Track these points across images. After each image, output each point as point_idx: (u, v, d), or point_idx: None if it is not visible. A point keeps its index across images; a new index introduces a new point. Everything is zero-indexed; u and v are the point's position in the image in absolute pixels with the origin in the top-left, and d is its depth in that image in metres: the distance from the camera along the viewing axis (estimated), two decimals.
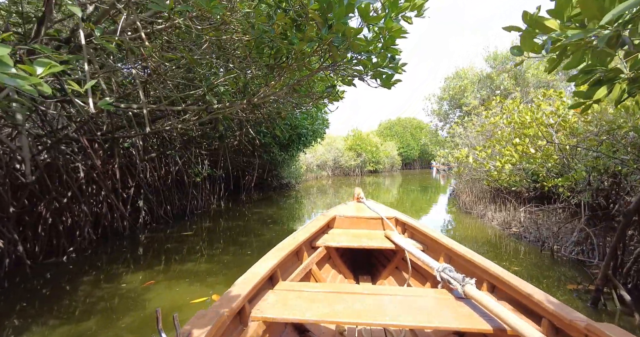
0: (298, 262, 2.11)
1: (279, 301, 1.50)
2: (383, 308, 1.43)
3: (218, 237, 4.97)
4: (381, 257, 2.76)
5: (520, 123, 5.86)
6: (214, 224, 5.88)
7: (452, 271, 1.58)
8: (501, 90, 8.97)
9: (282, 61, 2.90)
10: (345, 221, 2.72)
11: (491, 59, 10.17)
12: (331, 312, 1.39)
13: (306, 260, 2.15)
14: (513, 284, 1.42)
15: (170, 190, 6.66)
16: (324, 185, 16.59)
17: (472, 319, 1.35)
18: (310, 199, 10.01)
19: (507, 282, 1.45)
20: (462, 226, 5.87)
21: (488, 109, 7.39)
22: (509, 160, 5.47)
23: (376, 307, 1.43)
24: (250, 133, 6.36)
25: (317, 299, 1.51)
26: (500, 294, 1.57)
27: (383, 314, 1.37)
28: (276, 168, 11.21)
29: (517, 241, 4.59)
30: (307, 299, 1.51)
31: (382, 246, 2.31)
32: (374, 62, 2.72)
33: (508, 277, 1.49)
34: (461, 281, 1.48)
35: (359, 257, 2.85)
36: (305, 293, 1.58)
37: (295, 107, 5.28)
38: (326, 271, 2.42)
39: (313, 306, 1.45)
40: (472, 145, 7.28)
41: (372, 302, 1.49)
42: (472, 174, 7.37)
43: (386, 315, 1.36)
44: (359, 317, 1.36)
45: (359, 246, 2.32)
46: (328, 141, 24.01)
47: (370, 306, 1.45)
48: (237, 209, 7.77)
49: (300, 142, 8.86)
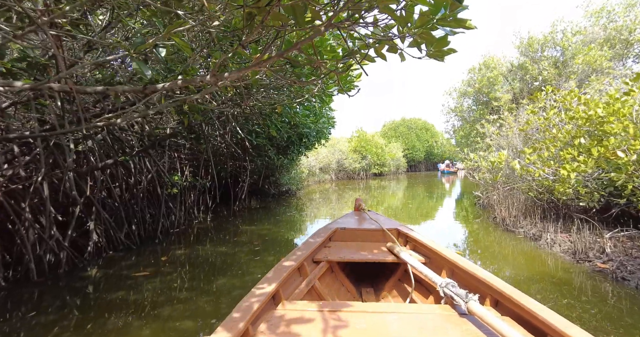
0: (300, 278, 2.09)
1: (282, 322, 1.46)
2: (386, 327, 1.41)
3: (186, 276, 3.63)
4: (384, 270, 2.69)
5: (586, 119, 4.49)
6: (188, 252, 4.54)
7: (455, 286, 1.57)
8: (540, 81, 7.62)
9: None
10: (347, 234, 2.72)
11: (524, 45, 8.75)
12: (335, 333, 1.36)
13: (309, 276, 2.12)
14: (517, 300, 1.43)
15: (139, 205, 5.34)
16: (328, 190, 15.23)
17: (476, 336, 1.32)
18: (313, 209, 8.67)
19: (511, 297, 1.46)
20: (508, 252, 4.50)
21: (531, 102, 6.04)
22: (578, 167, 4.09)
23: (380, 326, 1.41)
24: (239, 133, 5.03)
25: (321, 319, 1.48)
26: (504, 309, 1.55)
27: (387, 334, 1.35)
28: (274, 174, 9.87)
29: (610, 284, 3.22)
30: (311, 320, 1.48)
31: (384, 259, 2.27)
32: (425, 11, 1.41)
33: (512, 292, 1.49)
34: (464, 297, 1.46)
35: (362, 271, 2.75)
36: (308, 313, 1.56)
37: (294, 99, 3.95)
38: (329, 286, 2.37)
39: (317, 326, 1.41)
40: (512, 148, 5.91)
41: (376, 320, 1.46)
42: (513, 183, 6.00)
43: (390, 334, 1.35)
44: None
45: (360, 259, 2.29)
46: (331, 143, 22.69)
47: (375, 325, 1.42)
48: (225, 226, 6.43)
49: (302, 144, 7.51)
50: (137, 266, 3.91)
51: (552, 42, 7.83)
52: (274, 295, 1.67)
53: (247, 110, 4.02)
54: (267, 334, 1.37)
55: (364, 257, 2.30)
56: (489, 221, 6.62)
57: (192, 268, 3.83)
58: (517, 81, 8.41)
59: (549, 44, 8.01)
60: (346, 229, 2.75)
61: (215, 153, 7.08)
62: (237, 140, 5.84)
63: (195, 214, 7.01)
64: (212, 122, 4.25)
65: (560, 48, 7.70)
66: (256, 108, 4.21)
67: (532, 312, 1.33)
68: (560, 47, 7.73)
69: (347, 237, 2.73)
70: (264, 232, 5.70)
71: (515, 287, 1.57)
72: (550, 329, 1.24)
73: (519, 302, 1.41)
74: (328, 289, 2.33)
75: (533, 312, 1.32)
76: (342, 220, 3.00)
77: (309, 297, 2.07)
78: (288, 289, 1.90)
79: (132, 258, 4.21)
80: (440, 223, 6.74)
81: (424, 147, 44.29)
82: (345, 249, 2.49)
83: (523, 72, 8.48)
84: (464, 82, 10.14)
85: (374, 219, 2.89)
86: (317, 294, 2.17)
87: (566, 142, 4.83)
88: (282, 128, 5.73)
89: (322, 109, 7.05)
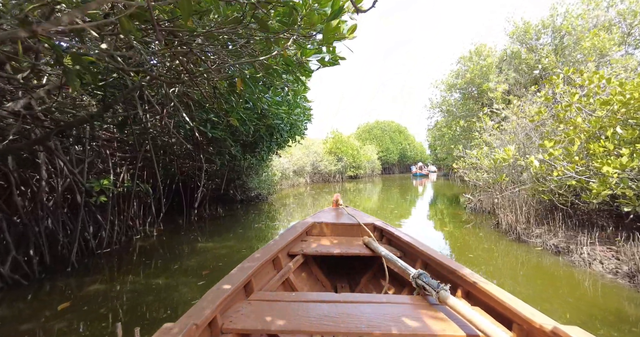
0: (274, 271, 2.04)
1: (253, 311, 1.43)
2: (359, 316, 1.40)
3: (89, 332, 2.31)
4: (360, 265, 2.63)
5: (623, 103, 3.67)
6: (107, 288, 3.18)
7: (427, 277, 1.58)
8: (540, 70, 6.93)
9: None
10: (323, 228, 2.72)
11: (520, 31, 8.03)
12: (307, 322, 1.34)
13: (283, 269, 2.08)
14: (487, 290, 1.44)
15: (53, 219, 3.89)
16: (303, 194, 14.04)
17: (447, 325, 1.33)
18: (287, 217, 7.45)
19: (481, 288, 1.47)
20: (530, 270, 3.57)
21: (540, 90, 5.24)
22: (629, 162, 3.23)
23: (352, 316, 1.41)
24: (187, 122, 3.75)
25: (294, 309, 1.45)
26: (475, 300, 1.56)
27: (359, 323, 1.35)
28: (240, 177, 8.54)
29: None
30: (283, 309, 1.45)
31: (360, 253, 2.26)
32: None
33: (482, 283, 1.49)
34: (436, 287, 1.47)
35: (338, 265, 2.70)
36: (281, 303, 1.52)
37: (260, 71, 2.76)
38: (303, 280, 2.33)
39: (289, 316, 1.39)
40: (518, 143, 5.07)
41: (349, 310, 1.46)
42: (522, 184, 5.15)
43: (362, 323, 1.34)
44: (335, 327, 1.32)
45: (336, 253, 2.27)
46: (306, 144, 21.55)
47: (347, 315, 1.41)
48: (174, 242, 5.06)
49: (273, 140, 6.28)
50: (10, 322, 2.52)
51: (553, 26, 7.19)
52: (246, 285, 1.62)
53: (187, 80, 2.78)
54: (236, 323, 1.31)
55: (340, 251, 2.29)
56: (490, 228, 5.75)
57: (99, 322, 2.51)
58: (511, 71, 7.72)
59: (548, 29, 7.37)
60: (323, 223, 2.73)
61: (164, 150, 5.70)
62: (186, 133, 4.53)
63: (137, 228, 5.58)
64: (135, 101, 2.94)
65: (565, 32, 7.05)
66: (205, 81, 2.98)
67: (501, 301, 1.34)
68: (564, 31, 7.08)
69: (324, 231, 2.72)
70: (222, 252, 4.41)
71: (475, 272, 1.61)
72: (517, 317, 1.25)
73: (489, 292, 1.41)
74: (303, 283, 2.29)
75: (502, 301, 1.33)
76: (319, 214, 2.98)
77: (282, 289, 2.02)
78: (261, 281, 1.83)
79: (11, 304, 2.80)
80: (434, 231, 5.78)
81: (397, 149, 44.24)
82: (322, 243, 2.47)
83: (517, 61, 7.80)
84: (451, 74, 9.32)
85: (351, 214, 2.90)
86: (291, 287, 2.12)
87: (592, 133, 4.00)
88: (246, 118, 4.50)
89: (295, 98, 5.89)
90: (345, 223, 2.72)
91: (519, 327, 1.25)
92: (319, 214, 3.03)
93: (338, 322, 1.34)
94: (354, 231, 2.70)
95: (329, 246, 2.38)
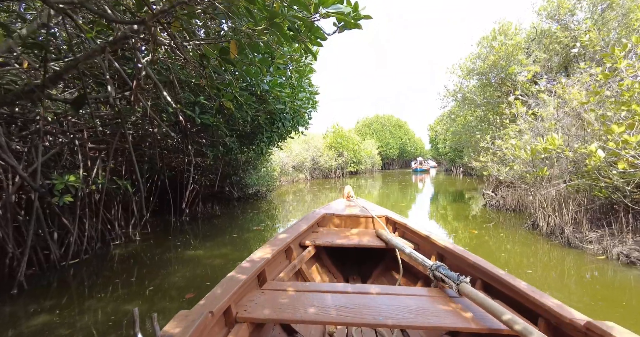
0: (286, 261, 2.00)
1: (267, 301, 1.38)
2: (374, 308, 1.34)
3: None
4: (371, 257, 2.61)
5: None
6: (54, 322, 2.39)
7: (445, 268, 1.50)
8: (578, 48, 6.13)
9: None
10: (335, 220, 2.69)
11: (553, 7, 7.16)
12: (320, 313, 1.29)
13: (295, 259, 2.01)
14: (508, 282, 1.35)
15: (9, 225, 3.09)
16: (303, 191, 13.27)
17: (467, 318, 1.27)
18: (287, 215, 6.67)
19: (502, 280, 1.39)
20: (606, 291, 2.83)
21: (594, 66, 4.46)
22: None
23: (366, 307, 1.34)
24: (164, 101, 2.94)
25: (307, 299, 1.40)
26: (495, 293, 1.47)
27: (374, 314, 1.28)
28: (237, 172, 7.73)
29: None
30: (296, 299, 1.40)
31: (373, 245, 2.20)
32: None
33: (502, 275, 1.42)
34: (456, 279, 1.39)
35: (349, 257, 2.64)
36: (294, 293, 1.47)
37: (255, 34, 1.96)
38: (315, 271, 2.27)
39: (302, 306, 1.34)
40: (564, 131, 4.30)
41: (363, 302, 1.39)
42: (561, 178, 4.38)
43: (377, 315, 1.28)
44: (349, 318, 1.26)
45: (348, 245, 2.21)
46: (305, 139, 20.73)
47: (361, 306, 1.35)
48: (158, 249, 4.28)
49: (273, 129, 5.46)
50: None
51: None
52: (259, 275, 1.58)
53: (166, 43, 1.98)
54: (250, 312, 1.28)
55: (352, 242, 2.22)
56: (525, 229, 5.01)
57: None
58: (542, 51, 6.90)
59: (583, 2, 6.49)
60: (334, 214, 2.68)
61: (149, 142, 4.88)
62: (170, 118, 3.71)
63: (117, 232, 4.78)
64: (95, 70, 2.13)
65: (607, 4, 6.22)
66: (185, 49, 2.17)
67: (525, 294, 1.26)
68: (607, 3, 6.26)
69: (335, 223, 2.69)
70: (214, 262, 3.63)
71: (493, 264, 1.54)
72: (543, 311, 1.17)
73: (511, 284, 1.33)
74: (314, 274, 2.24)
75: (526, 294, 1.25)
76: (331, 206, 2.96)
77: (294, 279, 1.98)
78: (274, 271, 1.80)
79: None
80: (463, 234, 5.03)
81: (397, 144, 43.43)
82: (333, 234, 2.42)
83: (547, 40, 6.95)
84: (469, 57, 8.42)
85: (363, 206, 2.89)
86: (303, 278, 2.08)
87: None
88: (243, 101, 3.68)
89: (300, 80, 5.07)
90: (357, 215, 2.67)
91: (545, 322, 1.18)
92: (331, 205, 3.00)
93: (355, 313, 1.28)
94: (365, 223, 2.68)
95: (341, 238, 2.33)
